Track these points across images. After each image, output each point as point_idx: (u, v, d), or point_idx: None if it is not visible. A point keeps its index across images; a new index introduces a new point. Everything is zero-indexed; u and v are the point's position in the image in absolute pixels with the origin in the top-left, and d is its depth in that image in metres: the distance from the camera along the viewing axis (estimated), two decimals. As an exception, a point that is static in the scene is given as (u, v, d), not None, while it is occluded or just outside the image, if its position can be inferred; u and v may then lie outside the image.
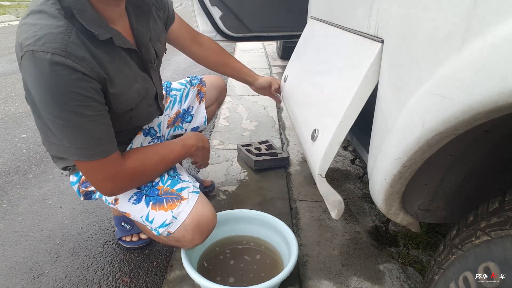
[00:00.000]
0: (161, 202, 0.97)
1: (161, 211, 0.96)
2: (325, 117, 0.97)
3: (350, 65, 0.94)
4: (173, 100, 1.36)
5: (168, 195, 0.98)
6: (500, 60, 0.43)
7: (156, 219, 0.96)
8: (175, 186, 1.01)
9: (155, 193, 0.99)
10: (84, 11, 0.77)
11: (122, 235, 1.25)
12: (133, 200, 0.99)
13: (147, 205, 0.98)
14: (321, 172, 0.91)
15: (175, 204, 0.96)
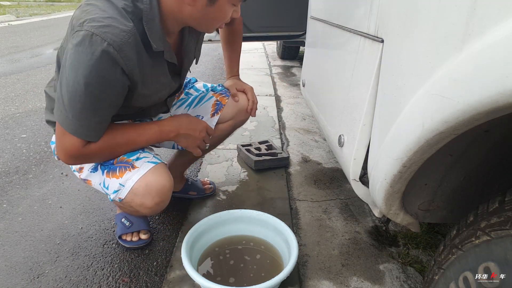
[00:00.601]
0: (114, 170, 1.03)
1: (114, 178, 1.02)
2: (347, 122, 0.97)
3: (358, 68, 0.94)
4: (185, 100, 1.32)
5: (121, 164, 1.03)
6: (500, 60, 0.43)
7: (110, 186, 1.03)
8: (132, 156, 1.05)
9: (110, 162, 1.04)
10: (153, 21, 0.86)
11: (122, 232, 1.25)
12: (90, 169, 1.06)
13: (103, 173, 1.04)
14: (355, 177, 0.91)
15: (125, 172, 1.02)
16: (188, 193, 1.50)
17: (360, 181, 0.92)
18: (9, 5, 15.10)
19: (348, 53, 1.02)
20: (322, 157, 1.90)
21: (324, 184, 1.63)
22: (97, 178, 1.06)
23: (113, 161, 1.04)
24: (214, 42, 2.10)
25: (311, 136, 2.17)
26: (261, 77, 3.57)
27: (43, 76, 3.53)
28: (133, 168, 1.02)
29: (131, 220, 1.26)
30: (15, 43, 5.46)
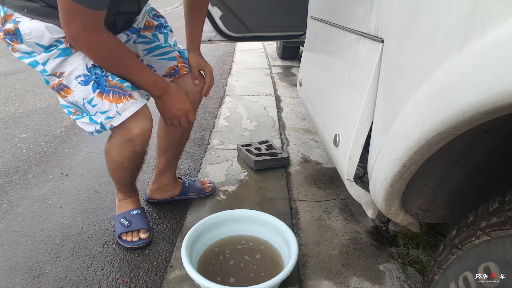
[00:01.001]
0: (108, 93, 1.03)
1: (106, 101, 1.03)
2: (343, 121, 0.97)
3: (356, 68, 0.94)
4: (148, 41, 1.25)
5: (116, 89, 1.03)
6: (500, 60, 0.43)
7: (99, 106, 1.03)
8: (125, 83, 1.05)
9: (104, 83, 1.03)
10: None
11: (121, 231, 1.25)
12: (80, 80, 1.02)
13: (94, 90, 1.02)
14: (349, 176, 0.91)
15: (121, 100, 1.03)
16: (188, 194, 1.50)
17: (360, 181, 0.92)
18: (9, 5, 15.07)
19: (348, 53, 1.02)
20: (322, 157, 1.90)
21: (324, 184, 1.63)
22: (83, 92, 1.02)
23: (106, 84, 1.03)
24: (214, 42, 2.10)
25: (311, 136, 2.17)
26: (261, 77, 3.57)
27: (43, 76, 3.53)
28: (131, 98, 1.04)
29: (130, 219, 1.26)
30: (15, 43, 5.45)
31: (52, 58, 1.00)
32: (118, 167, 1.19)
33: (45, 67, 1.01)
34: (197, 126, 2.34)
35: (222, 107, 2.69)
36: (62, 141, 2.10)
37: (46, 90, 3.07)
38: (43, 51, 1.00)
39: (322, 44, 1.36)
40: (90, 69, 1.03)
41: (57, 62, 1.01)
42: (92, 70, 1.03)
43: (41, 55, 1.01)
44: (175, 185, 1.49)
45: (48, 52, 1.00)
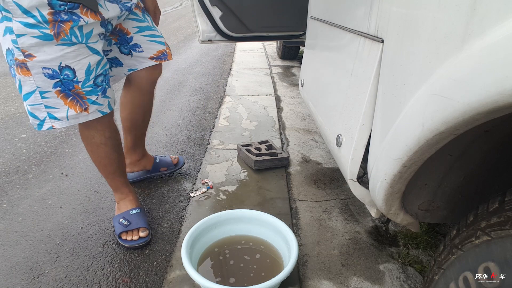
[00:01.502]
0: (67, 96, 1.05)
1: (62, 101, 1.05)
2: (345, 122, 0.97)
3: (357, 68, 0.94)
4: (139, 19, 1.25)
5: (77, 97, 1.07)
6: (500, 60, 0.43)
7: (49, 101, 1.04)
8: (90, 95, 1.09)
9: (69, 87, 1.05)
10: None
11: (121, 230, 1.25)
12: (46, 72, 1.01)
13: (54, 87, 1.03)
14: (352, 176, 0.91)
15: (76, 108, 1.07)
16: (160, 170, 1.66)
17: (360, 181, 0.92)
18: (9, 5, 15.06)
19: (348, 53, 1.02)
20: (322, 157, 1.90)
21: (324, 184, 1.63)
22: (42, 83, 1.01)
23: (72, 88, 1.05)
24: (214, 42, 2.10)
25: (311, 136, 2.17)
26: (261, 77, 3.57)
27: (43, 76, 3.52)
28: (85, 111, 1.09)
29: (129, 219, 1.27)
30: (15, 43, 5.45)
31: (29, 36, 0.95)
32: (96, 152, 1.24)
33: (18, 39, 0.96)
34: (197, 126, 2.34)
35: (222, 107, 2.69)
36: (62, 141, 2.10)
37: (46, 90, 3.07)
38: (20, 14, 0.93)
39: (323, 44, 1.36)
40: (62, 68, 1.01)
41: (32, 42, 0.96)
42: (64, 70, 1.02)
43: (17, 25, 0.94)
44: (146, 159, 1.61)
45: (27, 17, 0.94)
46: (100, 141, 1.20)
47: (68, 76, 1.03)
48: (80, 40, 1.02)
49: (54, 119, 1.07)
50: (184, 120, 2.45)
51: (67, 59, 1.01)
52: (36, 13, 0.94)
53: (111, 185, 1.34)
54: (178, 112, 2.60)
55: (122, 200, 1.33)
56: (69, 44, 1.01)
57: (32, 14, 0.94)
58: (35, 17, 0.95)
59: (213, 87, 3.25)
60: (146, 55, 1.28)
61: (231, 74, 3.69)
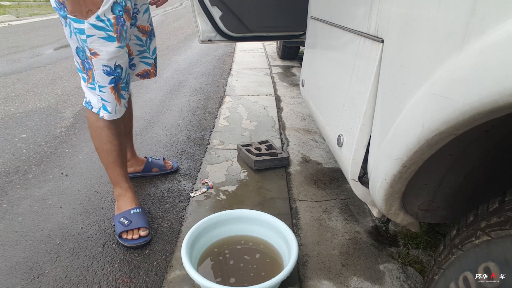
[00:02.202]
0: (116, 92, 1.20)
1: (113, 96, 1.20)
2: (346, 122, 0.97)
3: (357, 68, 0.94)
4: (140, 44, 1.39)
5: (118, 92, 1.21)
6: (500, 60, 0.43)
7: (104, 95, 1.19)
8: (124, 90, 1.22)
9: (117, 84, 1.19)
10: None
11: (121, 230, 1.26)
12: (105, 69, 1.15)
13: (109, 83, 1.17)
14: (354, 176, 0.91)
15: (119, 102, 1.22)
16: (151, 170, 1.70)
17: (360, 181, 0.92)
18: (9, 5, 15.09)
19: (348, 53, 1.02)
20: (322, 157, 1.90)
21: (324, 184, 1.63)
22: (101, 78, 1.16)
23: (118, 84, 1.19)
24: (214, 42, 2.10)
25: (311, 136, 2.17)
26: (261, 77, 3.57)
27: (43, 76, 3.53)
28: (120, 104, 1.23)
29: (130, 219, 1.27)
30: (15, 43, 5.46)
31: (97, 36, 1.09)
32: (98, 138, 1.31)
33: (88, 39, 1.09)
34: (197, 126, 2.35)
35: (222, 107, 2.69)
36: (62, 141, 2.10)
37: (46, 90, 3.07)
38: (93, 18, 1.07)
39: (323, 44, 1.36)
40: (116, 67, 1.16)
41: (99, 42, 1.10)
42: (117, 69, 1.17)
43: (89, 27, 1.08)
44: (137, 161, 1.68)
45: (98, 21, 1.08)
46: (103, 124, 1.26)
47: (119, 74, 1.18)
48: (126, 41, 1.19)
49: (106, 111, 1.21)
50: (184, 120, 2.45)
51: (120, 59, 1.16)
52: (105, 17, 1.09)
53: (111, 177, 1.35)
54: (178, 112, 2.60)
55: (122, 197, 1.34)
56: (122, 46, 1.15)
57: (102, 19, 1.09)
58: (104, 21, 1.09)
59: (213, 87, 3.25)
60: (134, 72, 1.45)
61: (231, 74, 3.69)
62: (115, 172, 1.33)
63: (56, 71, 3.74)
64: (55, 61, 4.25)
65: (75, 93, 3.02)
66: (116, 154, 1.31)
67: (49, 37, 6.20)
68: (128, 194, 1.35)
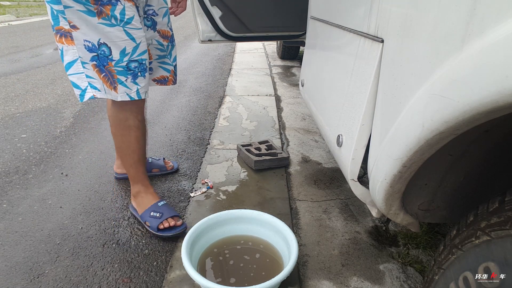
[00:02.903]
0: (101, 71, 1.14)
1: (96, 74, 1.14)
2: (345, 122, 0.97)
3: (357, 68, 0.94)
4: (161, 49, 1.38)
5: (109, 75, 1.14)
6: (500, 60, 0.43)
7: (88, 72, 1.14)
8: (120, 75, 1.15)
9: (104, 63, 1.13)
10: None
11: (157, 223, 1.28)
12: (86, 44, 1.11)
13: (91, 60, 1.12)
14: (353, 176, 0.91)
15: (107, 85, 1.16)
16: (152, 171, 1.69)
17: (360, 181, 0.92)
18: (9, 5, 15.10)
19: (348, 53, 1.02)
20: (322, 157, 1.90)
21: (324, 184, 1.63)
22: (83, 53, 1.11)
23: (106, 65, 1.12)
24: (214, 42, 2.10)
25: (311, 136, 2.17)
26: (261, 77, 3.57)
27: (43, 76, 3.53)
28: (114, 90, 1.16)
29: (159, 211, 1.30)
30: (15, 43, 5.46)
31: (75, 9, 1.05)
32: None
33: (65, 10, 1.05)
34: (197, 126, 2.34)
35: (222, 107, 2.69)
36: (62, 141, 2.10)
37: (46, 90, 3.07)
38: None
39: (323, 44, 1.36)
40: (100, 44, 1.10)
41: (78, 15, 1.06)
42: (101, 46, 1.11)
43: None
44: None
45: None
46: (133, 124, 1.25)
47: (104, 52, 1.12)
48: (118, 23, 1.10)
49: (95, 89, 1.16)
50: (184, 120, 2.45)
51: (106, 37, 1.10)
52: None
53: (133, 176, 1.35)
54: (178, 112, 2.60)
55: (142, 193, 1.35)
56: (109, 24, 1.09)
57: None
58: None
59: (213, 87, 3.25)
60: (152, 76, 1.42)
61: (231, 74, 3.69)
62: (139, 170, 1.34)
63: (56, 71, 3.74)
64: (55, 61, 4.25)
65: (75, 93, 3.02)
66: (141, 153, 1.32)
67: (49, 37, 6.20)
68: (149, 190, 1.37)
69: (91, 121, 2.41)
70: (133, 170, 1.34)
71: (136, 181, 1.36)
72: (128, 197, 1.54)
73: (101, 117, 2.50)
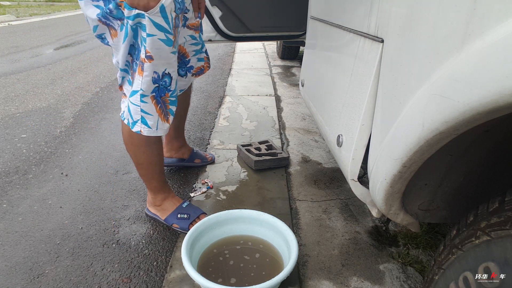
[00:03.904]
0: (157, 103, 1.09)
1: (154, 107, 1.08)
2: (345, 122, 0.97)
3: (357, 68, 0.94)
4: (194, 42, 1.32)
5: (163, 105, 1.11)
6: (500, 60, 0.43)
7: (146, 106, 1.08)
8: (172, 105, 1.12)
9: (162, 94, 1.08)
10: None
11: (187, 224, 1.29)
12: (154, 76, 1.03)
13: (151, 92, 1.06)
14: (353, 176, 0.91)
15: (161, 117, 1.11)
16: (194, 161, 1.75)
17: (360, 181, 0.92)
18: (9, 5, 15.09)
19: (348, 53, 1.02)
20: (322, 157, 1.90)
21: (324, 184, 1.63)
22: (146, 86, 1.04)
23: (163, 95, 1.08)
24: (214, 42, 2.10)
25: (311, 136, 2.17)
26: (261, 77, 3.57)
27: (43, 76, 3.53)
28: (167, 121, 1.15)
29: (186, 212, 1.32)
30: (15, 43, 5.46)
31: (157, 37, 0.97)
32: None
33: (148, 38, 0.96)
34: (197, 126, 2.34)
35: (222, 107, 2.69)
36: (62, 141, 2.10)
37: (46, 90, 3.07)
38: (157, 12, 0.93)
39: (323, 44, 1.36)
40: (164, 74, 1.04)
41: (157, 44, 0.98)
42: (164, 77, 1.05)
43: (150, 24, 0.94)
44: (185, 148, 1.73)
45: (161, 17, 0.94)
46: (156, 138, 1.21)
47: (166, 83, 1.05)
48: (177, 47, 1.04)
49: (145, 125, 1.09)
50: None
51: (171, 67, 1.04)
52: (169, 15, 0.93)
53: (155, 187, 1.31)
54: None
55: (165, 199, 1.34)
56: (175, 52, 1.03)
57: (166, 15, 0.92)
58: (167, 18, 0.93)
59: (213, 87, 3.25)
60: (190, 73, 1.39)
61: (231, 74, 3.69)
62: (160, 179, 1.31)
63: (56, 71, 3.74)
64: (55, 61, 4.25)
65: (75, 93, 3.02)
66: (162, 164, 1.30)
67: (49, 37, 6.20)
68: (171, 194, 1.37)
69: (91, 121, 2.41)
70: (154, 182, 1.30)
71: (158, 190, 1.32)
72: (128, 197, 1.54)
73: (101, 117, 2.50)
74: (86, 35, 6.45)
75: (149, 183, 1.31)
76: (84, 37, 6.27)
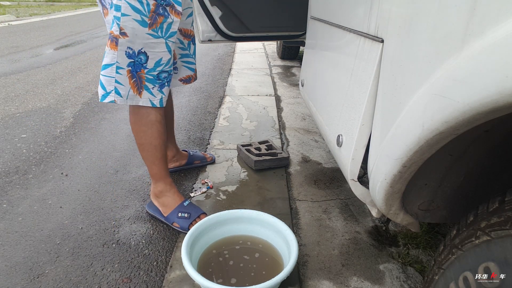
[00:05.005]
0: (133, 77, 1.17)
1: (128, 80, 1.17)
2: (345, 122, 0.97)
3: (357, 68, 0.94)
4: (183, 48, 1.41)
5: (138, 80, 1.18)
6: (500, 60, 0.43)
7: (120, 78, 1.16)
8: (149, 83, 1.20)
9: (138, 69, 1.17)
10: None
11: (187, 223, 1.29)
12: (128, 51, 1.14)
13: (127, 66, 1.15)
14: (353, 176, 0.91)
15: (134, 90, 1.19)
16: (194, 163, 1.75)
17: (360, 181, 0.92)
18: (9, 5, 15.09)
19: (348, 53, 1.02)
20: (322, 157, 1.90)
21: (324, 184, 1.63)
22: (121, 59, 1.13)
23: (139, 71, 1.17)
24: (214, 42, 2.10)
25: (311, 136, 2.17)
26: (261, 77, 3.57)
27: (43, 76, 3.53)
28: (139, 94, 1.20)
29: (187, 211, 1.33)
30: (15, 43, 5.46)
31: (132, 17, 1.08)
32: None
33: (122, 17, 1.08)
34: (197, 126, 2.34)
35: (222, 107, 2.69)
36: (62, 141, 2.10)
37: (46, 90, 3.07)
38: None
39: (323, 44, 1.36)
40: (140, 52, 1.15)
41: (132, 24, 1.09)
42: (140, 55, 1.15)
43: (126, 5, 1.06)
44: (180, 156, 1.72)
45: (137, 1, 1.07)
46: (155, 118, 1.25)
47: (141, 60, 1.16)
48: (163, 35, 1.16)
49: (118, 95, 1.18)
50: (184, 120, 2.45)
51: (148, 47, 1.14)
52: (145, 0, 1.08)
53: (155, 173, 1.35)
54: (178, 112, 2.60)
55: (167, 192, 1.35)
56: (155, 36, 1.14)
57: (141, 0, 1.08)
58: (142, 4, 1.08)
59: (213, 87, 3.25)
60: (177, 76, 1.45)
61: (231, 74, 3.69)
62: (161, 167, 1.34)
63: (56, 71, 3.74)
64: (55, 61, 4.25)
65: (75, 93, 3.02)
66: (164, 149, 1.32)
67: (49, 37, 6.20)
68: (173, 189, 1.37)
69: (91, 121, 2.41)
70: (155, 168, 1.33)
71: (159, 178, 1.35)
72: (128, 197, 1.54)
73: (101, 117, 2.50)
74: (86, 35, 6.45)
75: (150, 168, 1.34)
76: (84, 37, 6.28)
